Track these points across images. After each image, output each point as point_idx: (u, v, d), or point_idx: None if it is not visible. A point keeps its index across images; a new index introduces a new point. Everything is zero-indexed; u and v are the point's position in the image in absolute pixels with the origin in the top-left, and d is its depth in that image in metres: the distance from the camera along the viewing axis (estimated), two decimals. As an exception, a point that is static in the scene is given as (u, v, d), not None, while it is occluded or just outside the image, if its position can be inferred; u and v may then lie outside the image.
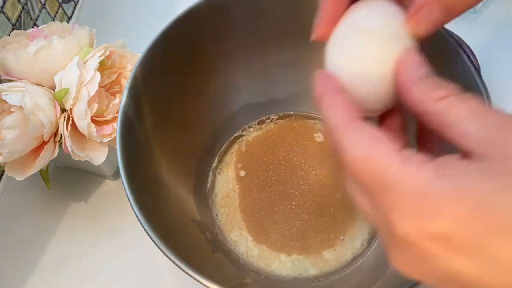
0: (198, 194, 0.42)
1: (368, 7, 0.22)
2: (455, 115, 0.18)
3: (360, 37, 0.21)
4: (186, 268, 0.28)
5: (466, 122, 0.17)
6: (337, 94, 0.21)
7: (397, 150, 0.18)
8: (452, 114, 0.18)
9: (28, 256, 0.44)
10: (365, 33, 0.21)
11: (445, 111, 0.18)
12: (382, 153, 0.18)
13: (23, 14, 0.50)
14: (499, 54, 0.52)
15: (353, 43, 0.22)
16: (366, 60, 0.21)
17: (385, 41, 0.21)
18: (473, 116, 0.17)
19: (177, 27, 0.36)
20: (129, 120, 0.34)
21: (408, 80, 0.20)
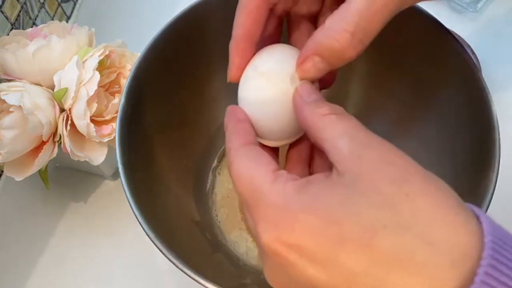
0: (197, 194, 0.42)
1: (268, 52, 0.26)
2: (333, 132, 0.20)
3: (259, 78, 0.25)
4: (185, 269, 0.28)
5: (339, 139, 0.20)
6: (238, 123, 0.24)
7: (272, 171, 0.20)
8: (330, 130, 0.20)
9: (28, 256, 0.44)
10: (263, 75, 0.24)
11: (326, 127, 0.20)
12: (259, 173, 0.20)
13: (22, 13, 0.50)
14: (500, 53, 0.52)
15: (254, 84, 0.25)
16: (264, 98, 0.24)
17: (279, 81, 0.24)
18: (347, 134, 0.20)
19: (176, 26, 0.36)
20: (128, 120, 0.33)
21: (301, 102, 0.23)
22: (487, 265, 0.16)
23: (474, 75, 0.32)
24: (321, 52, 0.23)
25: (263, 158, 0.21)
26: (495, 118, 0.31)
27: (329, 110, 0.21)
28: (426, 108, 0.38)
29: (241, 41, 0.25)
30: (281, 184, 0.19)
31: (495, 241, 0.16)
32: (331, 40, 0.22)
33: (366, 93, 0.43)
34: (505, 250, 0.16)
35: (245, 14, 0.25)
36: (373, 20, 0.22)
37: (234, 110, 0.25)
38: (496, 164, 0.30)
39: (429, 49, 0.36)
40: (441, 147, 0.37)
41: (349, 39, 0.22)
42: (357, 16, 0.21)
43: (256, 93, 0.25)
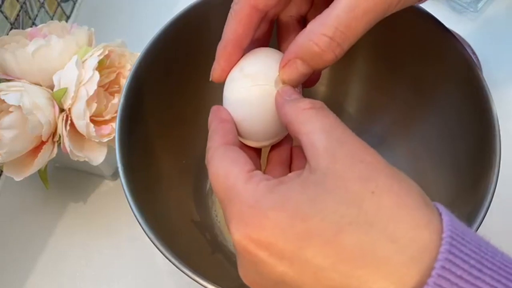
0: (197, 194, 0.42)
1: (255, 55, 0.26)
2: (311, 126, 0.21)
3: (244, 79, 0.25)
4: (185, 269, 0.28)
5: (316, 134, 0.20)
6: (220, 122, 0.25)
7: (247, 171, 0.21)
8: (309, 124, 0.21)
9: (27, 256, 0.44)
10: (248, 76, 0.25)
11: (305, 121, 0.21)
12: (235, 172, 0.21)
13: (22, 13, 0.50)
14: (500, 52, 0.52)
15: (239, 85, 0.26)
16: (249, 99, 0.25)
17: (264, 83, 0.25)
18: (324, 130, 0.20)
19: (176, 26, 0.36)
20: (128, 120, 0.33)
21: (282, 100, 0.24)
22: (444, 259, 0.17)
23: (474, 74, 0.32)
24: (301, 55, 0.23)
25: (240, 158, 0.22)
26: (495, 118, 0.31)
27: (309, 104, 0.22)
28: (426, 107, 0.38)
29: (230, 46, 0.26)
30: (254, 184, 0.20)
31: (453, 236, 0.17)
32: (311, 43, 0.23)
33: (367, 93, 0.43)
34: (463, 245, 0.17)
35: (236, 21, 0.25)
36: (352, 26, 0.22)
37: (218, 110, 0.26)
38: (496, 164, 0.30)
39: (429, 48, 0.36)
40: (441, 147, 0.37)
41: (327, 43, 0.22)
42: (336, 21, 0.22)
43: (240, 94, 0.25)
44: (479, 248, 0.17)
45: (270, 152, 0.28)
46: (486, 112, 0.31)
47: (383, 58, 0.40)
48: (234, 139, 0.24)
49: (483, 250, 0.17)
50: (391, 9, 0.24)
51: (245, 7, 0.25)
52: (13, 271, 0.44)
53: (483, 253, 0.17)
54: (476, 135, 0.32)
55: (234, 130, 0.25)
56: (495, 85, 0.39)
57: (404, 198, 0.18)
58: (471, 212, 0.29)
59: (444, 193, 0.35)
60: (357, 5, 0.22)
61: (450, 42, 0.34)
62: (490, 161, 0.30)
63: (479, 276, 0.17)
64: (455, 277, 0.16)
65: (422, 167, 0.39)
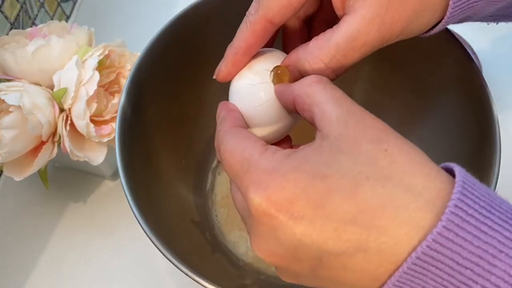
0: (197, 194, 0.42)
1: (263, 54, 0.27)
2: (323, 97, 0.21)
3: (254, 76, 0.26)
4: (185, 269, 0.28)
5: (328, 104, 0.21)
6: (229, 112, 0.26)
7: (262, 145, 0.22)
8: (320, 95, 0.22)
9: (27, 256, 0.44)
10: (257, 73, 0.26)
11: (315, 93, 0.22)
12: (249, 145, 0.22)
13: (22, 13, 0.50)
14: (500, 53, 0.52)
15: (247, 81, 0.26)
16: (256, 94, 0.26)
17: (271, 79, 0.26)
18: (335, 101, 0.21)
19: (176, 26, 0.36)
20: (128, 120, 0.33)
21: (285, 85, 0.24)
22: (457, 199, 0.18)
23: (475, 75, 0.32)
24: (297, 67, 0.25)
25: (253, 135, 0.23)
26: (495, 118, 0.31)
27: (316, 78, 0.22)
28: (426, 107, 0.38)
29: (240, 53, 0.26)
30: (270, 154, 0.21)
31: (464, 181, 0.19)
32: (307, 63, 0.24)
33: (367, 93, 0.43)
34: (474, 189, 0.18)
35: (250, 31, 0.26)
36: (349, 56, 0.23)
37: (226, 103, 0.27)
38: (496, 164, 0.30)
39: (429, 49, 0.36)
40: (441, 147, 0.37)
41: (322, 68, 0.24)
42: (334, 49, 0.23)
43: (249, 90, 0.26)
44: (489, 194, 0.19)
45: None
46: (486, 112, 0.31)
47: (383, 58, 0.40)
48: (243, 124, 0.25)
49: (492, 196, 0.19)
50: (389, 42, 0.25)
51: (262, 21, 0.25)
52: (13, 271, 0.44)
53: (492, 198, 0.19)
54: (476, 135, 0.32)
55: (242, 118, 0.26)
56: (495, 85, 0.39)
57: (414, 156, 0.20)
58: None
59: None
60: (358, 37, 0.23)
61: (450, 42, 0.34)
62: (490, 161, 0.30)
63: (488, 216, 0.18)
64: (466, 215, 0.18)
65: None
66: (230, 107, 0.26)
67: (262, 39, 0.26)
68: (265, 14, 0.25)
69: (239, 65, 0.27)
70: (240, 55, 0.26)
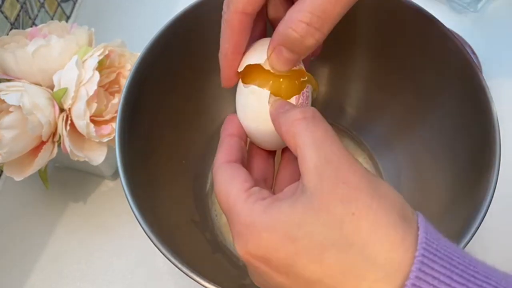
0: (197, 194, 0.42)
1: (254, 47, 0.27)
2: (302, 140, 0.22)
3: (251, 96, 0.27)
4: (185, 269, 0.28)
5: (308, 149, 0.22)
6: (227, 136, 0.27)
7: (245, 190, 0.23)
8: (302, 137, 0.22)
9: (27, 257, 0.44)
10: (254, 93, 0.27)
11: (297, 134, 0.22)
12: (234, 190, 0.23)
13: (22, 13, 0.50)
14: (500, 53, 0.52)
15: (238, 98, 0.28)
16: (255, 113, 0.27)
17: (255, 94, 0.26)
18: (315, 145, 0.22)
19: (176, 26, 0.36)
20: (128, 120, 0.33)
21: (276, 113, 0.25)
22: (414, 278, 0.18)
23: (474, 75, 0.32)
24: (284, 43, 0.24)
25: (240, 175, 0.24)
26: (495, 118, 0.31)
27: (300, 114, 0.23)
28: (426, 107, 0.38)
29: (229, 54, 0.27)
30: (251, 204, 0.22)
31: (425, 254, 0.19)
32: (290, 30, 0.24)
33: (367, 93, 0.43)
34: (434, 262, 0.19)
35: (229, 30, 0.26)
36: (328, 11, 0.23)
37: (230, 121, 0.28)
38: (496, 164, 0.30)
39: (429, 49, 0.36)
40: (441, 147, 0.37)
41: (305, 29, 0.23)
42: (311, 7, 0.23)
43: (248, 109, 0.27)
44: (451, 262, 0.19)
45: (283, 151, 0.30)
46: (486, 112, 0.31)
47: (383, 58, 0.40)
48: (237, 155, 0.26)
49: (454, 264, 0.19)
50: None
51: (236, 15, 0.25)
52: (13, 271, 0.44)
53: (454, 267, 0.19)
54: (476, 135, 0.32)
55: (239, 144, 0.27)
56: (495, 85, 0.39)
57: (381, 217, 0.20)
58: (471, 212, 0.29)
59: (444, 193, 0.35)
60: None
61: (450, 42, 0.34)
62: (490, 161, 0.30)
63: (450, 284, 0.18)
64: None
65: (422, 167, 0.39)
66: (230, 130, 0.28)
67: (244, 33, 0.26)
68: (236, 8, 0.25)
69: (234, 65, 0.27)
70: (230, 55, 0.27)
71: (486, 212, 0.29)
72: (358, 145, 0.44)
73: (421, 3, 0.35)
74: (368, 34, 0.39)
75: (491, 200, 0.29)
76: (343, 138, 0.44)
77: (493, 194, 0.29)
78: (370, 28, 0.38)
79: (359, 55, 0.41)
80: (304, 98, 0.28)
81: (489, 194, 0.29)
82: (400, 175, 0.41)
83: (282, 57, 0.25)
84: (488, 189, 0.29)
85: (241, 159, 0.26)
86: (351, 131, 0.44)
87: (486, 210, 0.29)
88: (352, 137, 0.44)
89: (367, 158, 0.44)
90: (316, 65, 0.43)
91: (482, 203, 0.29)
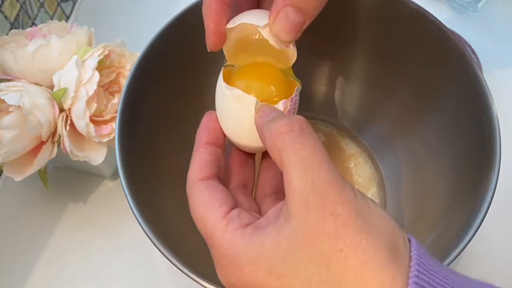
0: (197, 194, 0.42)
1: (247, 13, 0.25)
2: (289, 158, 0.20)
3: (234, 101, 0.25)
4: (185, 270, 0.28)
5: (294, 169, 0.20)
6: (201, 148, 0.25)
7: (223, 216, 0.22)
8: (287, 156, 0.20)
9: (27, 257, 0.44)
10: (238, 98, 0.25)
11: (282, 149, 0.20)
12: (211, 219, 0.22)
13: (22, 13, 0.50)
14: (500, 52, 0.52)
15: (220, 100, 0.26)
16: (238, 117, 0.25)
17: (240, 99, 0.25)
18: (301, 165, 0.20)
19: (176, 26, 0.36)
20: (128, 120, 0.33)
21: (261, 123, 0.23)
22: None
23: (475, 75, 0.32)
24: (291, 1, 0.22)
25: (217, 199, 0.23)
26: (495, 118, 0.31)
27: (286, 126, 0.21)
28: (426, 107, 0.38)
29: (214, 2, 0.24)
30: (231, 234, 0.21)
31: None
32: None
33: (367, 93, 0.43)
34: None
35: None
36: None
37: (207, 126, 0.26)
38: (496, 164, 0.30)
39: (429, 49, 0.36)
40: (441, 147, 0.37)
41: None
42: None
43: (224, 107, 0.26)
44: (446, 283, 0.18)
45: (262, 158, 0.28)
46: (486, 112, 0.31)
47: (383, 58, 0.40)
48: (212, 170, 0.24)
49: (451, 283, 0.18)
50: None
51: None
52: (13, 271, 0.44)
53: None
54: (476, 135, 0.32)
55: (215, 155, 0.25)
56: (495, 85, 0.39)
57: (370, 257, 0.19)
58: (471, 212, 0.29)
59: (444, 193, 0.35)
60: None
61: (450, 42, 0.34)
62: (490, 161, 0.30)
63: None
64: None
65: (422, 167, 0.39)
66: (204, 139, 0.26)
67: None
68: None
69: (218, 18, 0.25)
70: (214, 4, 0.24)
71: (486, 212, 0.29)
72: (358, 145, 0.44)
73: (421, 3, 0.35)
74: (368, 34, 0.39)
75: (491, 200, 0.29)
76: (343, 138, 0.44)
77: (493, 194, 0.29)
78: (370, 28, 0.38)
79: (359, 55, 0.41)
80: (292, 104, 0.25)
81: (489, 194, 0.29)
82: (400, 175, 0.41)
83: (289, 21, 0.23)
84: (488, 189, 0.29)
85: (217, 171, 0.25)
86: (351, 131, 0.44)
87: (486, 210, 0.29)
88: (352, 137, 0.44)
89: (367, 158, 0.44)
90: (316, 65, 0.43)
91: (482, 203, 0.29)
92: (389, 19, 0.37)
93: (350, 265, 0.19)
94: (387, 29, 0.38)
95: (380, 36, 0.39)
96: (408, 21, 0.36)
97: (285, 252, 0.19)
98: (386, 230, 0.20)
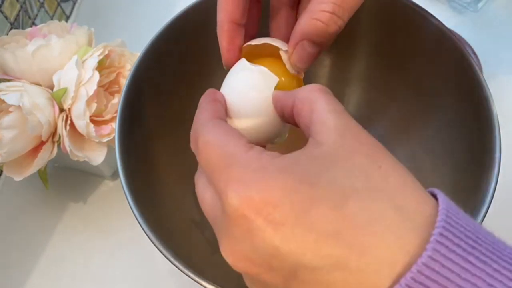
0: (197, 194, 0.42)
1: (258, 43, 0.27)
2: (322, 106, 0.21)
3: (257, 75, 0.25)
4: (185, 270, 0.28)
5: (328, 113, 0.21)
6: (211, 102, 0.25)
7: (247, 143, 0.20)
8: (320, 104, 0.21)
9: (27, 257, 0.44)
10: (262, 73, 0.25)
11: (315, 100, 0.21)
12: (233, 140, 0.20)
13: (22, 13, 0.50)
14: (501, 53, 0.52)
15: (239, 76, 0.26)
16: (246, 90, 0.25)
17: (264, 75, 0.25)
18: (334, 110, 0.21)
19: (176, 26, 0.36)
20: (128, 120, 0.33)
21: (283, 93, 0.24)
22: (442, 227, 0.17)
23: (475, 75, 0.32)
24: (308, 35, 0.25)
25: (235, 131, 0.21)
26: (495, 118, 0.31)
27: (317, 86, 0.22)
28: (426, 107, 0.38)
29: (225, 23, 0.26)
30: (256, 152, 0.19)
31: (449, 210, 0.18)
32: (314, 21, 0.24)
33: (367, 93, 0.43)
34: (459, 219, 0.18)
35: (224, 1, 0.26)
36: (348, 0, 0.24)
37: (213, 92, 0.26)
38: (496, 164, 0.30)
39: (429, 49, 0.36)
40: (441, 147, 0.37)
41: (329, 17, 0.24)
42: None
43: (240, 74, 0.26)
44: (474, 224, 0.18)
45: None
46: (486, 112, 0.31)
47: (383, 58, 0.40)
48: (224, 116, 0.24)
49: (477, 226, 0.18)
50: None
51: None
52: (13, 271, 0.44)
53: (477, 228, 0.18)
54: (476, 135, 0.32)
55: (224, 112, 0.25)
56: (495, 85, 0.39)
57: (407, 178, 0.19)
58: (471, 213, 0.29)
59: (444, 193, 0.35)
60: None
61: (450, 42, 0.34)
62: (490, 161, 0.30)
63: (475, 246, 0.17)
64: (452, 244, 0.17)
65: (422, 167, 0.39)
66: (214, 97, 0.25)
67: (240, 2, 0.26)
68: None
69: (231, 37, 0.27)
70: (226, 25, 0.26)
71: (486, 213, 0.29)
72: (358, 145, 0.44)
73: (421, 3, 0.35)
74: (368, 34, 0.39)
75: (491, 200, 0.29)
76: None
77: (493, 194, 0.29)
78: (370, 28, 0.38)
79: (358, 55, 0.41)
80: None
81: (489, 194, 0.29)
82: (400, 175, 0.41)
83: (305, 53, 0.25)
84: (488, 189, 0.29)
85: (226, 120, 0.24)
86: (351, 131, 0.44)
87: (486, 210, 0.29)
88: (352, 137, 0.44)
89: (367, 158, 0.44)
90: (316, 66, 0.43)
91: (482, 203, 0.29)
92: (389, 19, 0.37)
93: (391, 179, 0.18)
94: (387, 29, 0.38)
95: (380, 36, 0.39)
96: (408, 21, 0.36)
97: (320, 166, 0.18)
98: None
